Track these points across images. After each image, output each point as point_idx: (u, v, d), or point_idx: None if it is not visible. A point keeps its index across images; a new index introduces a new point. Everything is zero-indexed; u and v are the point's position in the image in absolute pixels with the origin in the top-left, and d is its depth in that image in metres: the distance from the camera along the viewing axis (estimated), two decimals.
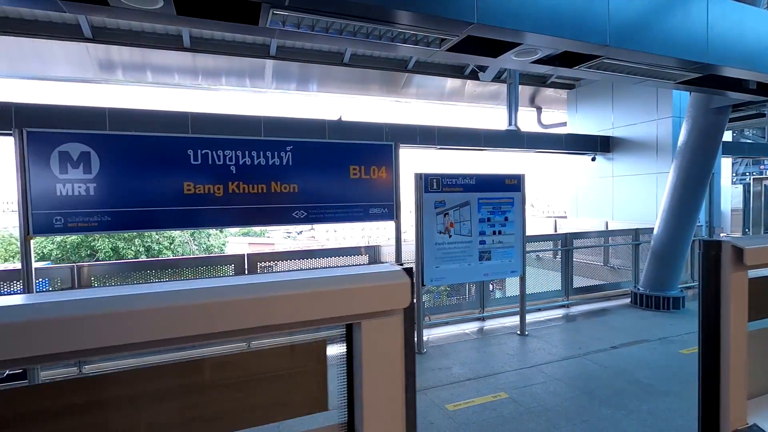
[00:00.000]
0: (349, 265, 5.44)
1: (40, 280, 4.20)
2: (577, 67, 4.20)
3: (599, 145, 10.73)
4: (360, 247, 5.74)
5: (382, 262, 5.53)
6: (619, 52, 3.87)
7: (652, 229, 7.09)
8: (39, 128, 3.53)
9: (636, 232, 7.74)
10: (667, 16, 4.27)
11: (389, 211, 4.73)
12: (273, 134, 7.35)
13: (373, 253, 5.59)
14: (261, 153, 4.19)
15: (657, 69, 4.45)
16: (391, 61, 9.50)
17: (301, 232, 58.80)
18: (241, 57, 8.51)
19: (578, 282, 7.24)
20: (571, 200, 12.38)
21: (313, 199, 4.40)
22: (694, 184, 6.55)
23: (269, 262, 5.25)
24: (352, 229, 65.23)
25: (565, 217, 13.27)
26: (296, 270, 5.29)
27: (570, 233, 7.17)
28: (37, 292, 3.70)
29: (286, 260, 5.37)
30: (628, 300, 7.10)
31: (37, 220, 3.47)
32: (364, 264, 5.56)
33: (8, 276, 4.17)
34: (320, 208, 4.44)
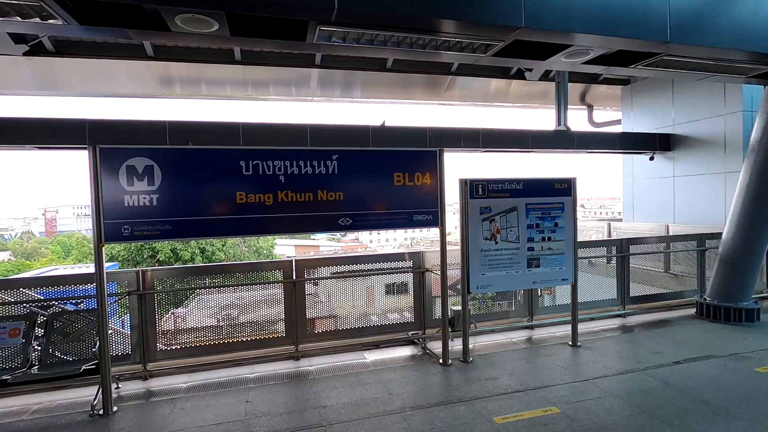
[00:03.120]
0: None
1: (110, 282, 4.57)
2: (633, 66, 3.96)
3: (658, 144, 10.07)
4: (404, 253, 5.74)
5: (427, 269, 5.50)
6: (681, 48, 3.61)
7: (720, 233, 6.54)
8: (109, 143, 3.83)
9: (701, 237, 7.17)
10: (736, 5, 3.94)
11: (434, 217, 4.70)
12: (318, 141, 7.55)
13: (417, 260, 5.57)
14: (308, 162, 4.30)
15: (725, 64, 4.10)
16: (434, 64, 9.46)
17: (345, 234, 59.88)
18: (288, 67, 8.81)
19: (636, 290, 6.81)
20: (625, 202, 11.70)
21: (358, 207, 4.46)
22: None
23: (315, 267, 5.39)
24: (395, 230, 65.39)
25: (620, 219, 12.55)
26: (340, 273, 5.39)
27: (626, 239, 6.77)
28: (108, 294, 4.02)
29: (332, 266, 5.48)
30: (692, 311, 6.59)
31: (108, 228, 3.77)
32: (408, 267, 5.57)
33: (85, 279, 4.57)
34: (365, 215, 4.49)
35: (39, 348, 4.01)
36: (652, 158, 10.45)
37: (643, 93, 10.91)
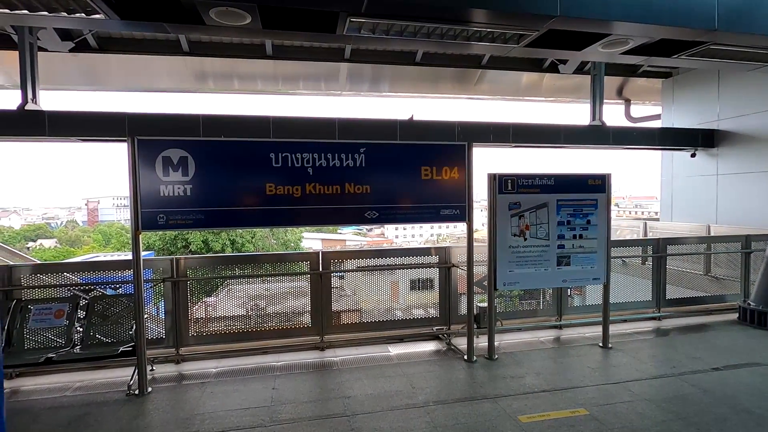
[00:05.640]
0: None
1: (146, 269, 4.76)
2: (676, 56, 3.75)
3: (701, 140, 9.56)
4: (430, 248, 5.71)
5: (453, 264, 5.45)
6: (729, 36, 3.38)
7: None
8: (147, 136, 3.96)
9: (746, 239, 6.77)
10: None
11: (461, 212, 4.64)
12: (346, 135, 7.59)
13: (443, 255, 5.53)
14: (336, 155, 4.33)
15: None
16: (464, 57, 9.29)
17: (371, 229, 60.20)
18: (317, 62, 8.88)
19: (672, 292, 6.52)
20: (663, 201, 11.19)
21: (385, 200, 4.46)
22: None
23: (341, 260, 5.43)
24: (422, 226, 65.51)
25: (657, 219, 12.03)
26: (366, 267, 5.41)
27: (663, 238, 6.48)
28: (144, 280, 4.18)
29: (358, 259, 5.51)
30: (734, 316, 6.25)
31: (145, 217, 3.92)
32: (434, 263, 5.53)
33: (123, 265, 4.79)
34: (392, 208, 4.48)
35: (81, 329, 4.23)
36: (693, 155, 9.94)
37: (685, 86, 10.38)
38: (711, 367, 4.48)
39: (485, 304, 5.02)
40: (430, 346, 5.19)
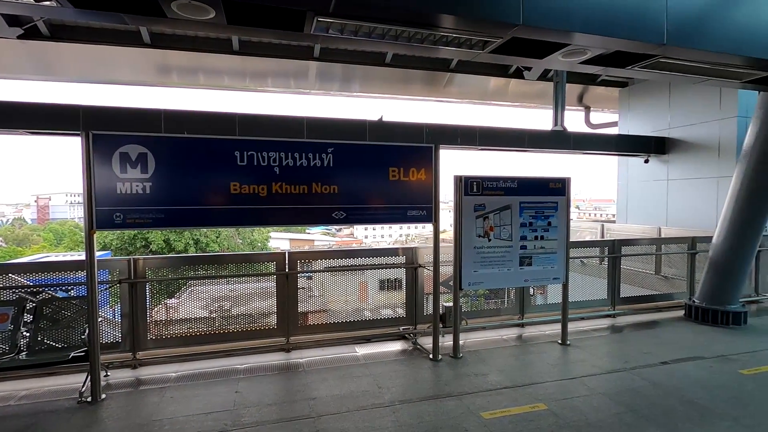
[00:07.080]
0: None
1: (101, 270, 4.54)
2: (630, 68, 3.97)
3: (653, 147, 10.13)
4: (398, 249, 5.75)
5: (420, 265, 5.51)
6: (677, 50, 3.63)
7: (711, 237, 6.61)
8: (103, 130, 3.77)
9: (692, 240, 7.24)
10: (732, 10, 3.95)
11: (428, 213, 4.71)
12: (315, 134, 7.52)
13: (410, 255, 5.58)
14: (303, 155, 4.29)
15: (721, 68, 4.13)
16: (433, 60, 9.43)
17: (340, 229, 59.92)
18: (286, 59, 8.74)
19: (626, 291, 6.87)
20: (619, 204, 11.77)
21: (353, 201, 4.46)
22: (761, 191, 6.03)
23: (309, 260, 5.38)
24: (390, 226, 65.91)
25: (614, 221, 12.64)
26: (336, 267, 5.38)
27: (618, 240, 6.82)
28: (99, 282, 3.99)
29: (325, 259, 5.48)
30: (681, 313, 6.66)
31: (99, 216, 3.74)
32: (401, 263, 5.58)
33: (75, 266, 4.54)
34: (360, 209, 4.49)
35: (28, 334, 3.98)
36: (647, 161, 10.52)
37: (640, 96, 10.96)
38: (660, 361, 4.75)
39: (451, 304, 5.11)
40: (396, 346, 5.23)
